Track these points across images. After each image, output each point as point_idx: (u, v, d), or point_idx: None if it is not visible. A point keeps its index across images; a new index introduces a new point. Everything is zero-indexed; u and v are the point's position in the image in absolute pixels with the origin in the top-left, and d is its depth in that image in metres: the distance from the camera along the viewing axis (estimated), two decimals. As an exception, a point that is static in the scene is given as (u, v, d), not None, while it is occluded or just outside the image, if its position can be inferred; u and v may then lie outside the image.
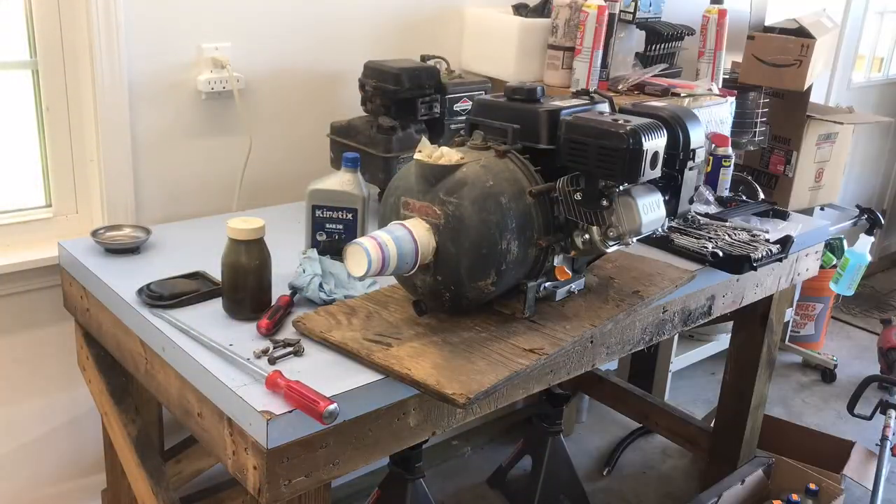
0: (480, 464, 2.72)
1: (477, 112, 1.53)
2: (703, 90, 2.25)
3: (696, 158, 1.57)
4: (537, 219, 1.40)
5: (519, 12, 2.33)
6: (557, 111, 1.45)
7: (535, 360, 1.34)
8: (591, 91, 1.64)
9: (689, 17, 2.51)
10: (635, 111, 1.54)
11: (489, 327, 1.44)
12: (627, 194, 1.45)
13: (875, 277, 4.56)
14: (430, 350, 1.34)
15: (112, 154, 1.84)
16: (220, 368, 1.29)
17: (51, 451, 2.00)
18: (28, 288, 1.85)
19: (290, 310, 1.47)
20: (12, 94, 1.83)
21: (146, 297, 1.49)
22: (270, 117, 2.08)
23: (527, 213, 1.39)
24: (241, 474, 1.26)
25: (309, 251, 1.60)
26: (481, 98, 1.57)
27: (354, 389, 1.26)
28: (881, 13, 4.08)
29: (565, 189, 1.41)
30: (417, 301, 1.44)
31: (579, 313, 1.52)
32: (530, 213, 1.39)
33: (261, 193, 2.08)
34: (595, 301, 1.57)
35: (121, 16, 1.76)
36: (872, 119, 3.66)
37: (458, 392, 1.22)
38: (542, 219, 1.41)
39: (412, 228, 1.34)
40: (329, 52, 2.12)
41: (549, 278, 1.50)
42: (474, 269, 1.35)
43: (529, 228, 1.39)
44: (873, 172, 4.51)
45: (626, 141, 1.35)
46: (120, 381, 1.75)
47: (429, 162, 1.36)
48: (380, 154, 1.88)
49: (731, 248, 1.89)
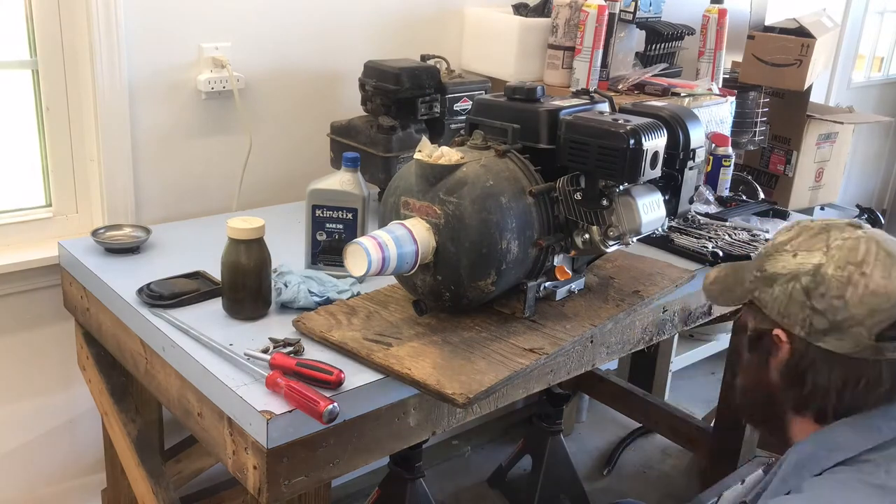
0: (480, 464, 2.72)
1: (477, 112, 1.52)
2: (703, 90, 2.25)
3: (697, 158, 1.57)
4: (537, 218, 1.40)
5: (519, 12, 2.32)
6: (557, 111, 1.45)
7: (536, 359, 1.34)
8: (591, 91, 1.63)
9: (689, 16, 2.51)
10: (635, 111, 1.53)
11: (489, 327, 1.43)
12: (627, 194, 1.45)
13: (875, 277, 4.55)
14: (431, 350, 1.34)
15: (112, 154, 1.84)
16: (220, 368, 1.29)
17: (51, 451, 2.00)
18: (28, 288, 1.85)
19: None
20: (12, 94, 1.83)
21: (146, 296, 1.49)
22: (270, 117, 2.08)
23: (527, 212, 1.38)
24: (241, 474, 1.26)
25: (277, 267, 1.52)
26: (481, 98, 1.57)
27: (354, 389, 1.26)
28: (881, 13, 4.08)
29: (565, 189, 1.41)
30: (417, 301, 1.44)
31: (579, 313, 1.52)
32: (530, 212, 1.39)
33: (261, 193, 2.08)
34: (595, 301, 1.57)
35: (121, 16, 1.76)
36: (872, 119, 3.66)
37: (458, 392, 1.22)
38: (542, 218, 1.41)
39: (412, 228, 1.34)
40: (329, 52, 2.12)
41: (549, 278, 1.50)
42: (474, 268, 1.35)
43: (529, 228, 1.39)
44: (873, 172, 4.51)
45: (627, 141, 1.35)
46: (120, 381, 1.75)
47: (429, 161, 1.36)
48: (380, 154, 1.88)
49: (731, 248, 1.89)
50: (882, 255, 1.04)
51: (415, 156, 1.39)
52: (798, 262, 1.07)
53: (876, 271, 1.03)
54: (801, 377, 1.10)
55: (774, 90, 2.77)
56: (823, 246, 1.06)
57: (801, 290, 1.06)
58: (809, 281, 1.05)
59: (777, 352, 1.12)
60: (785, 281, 1.08)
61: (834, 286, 1.03)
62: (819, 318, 1.05)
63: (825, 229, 1.09)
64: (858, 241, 1.06)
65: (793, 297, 1.07)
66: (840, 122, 2.96)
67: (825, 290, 1.04)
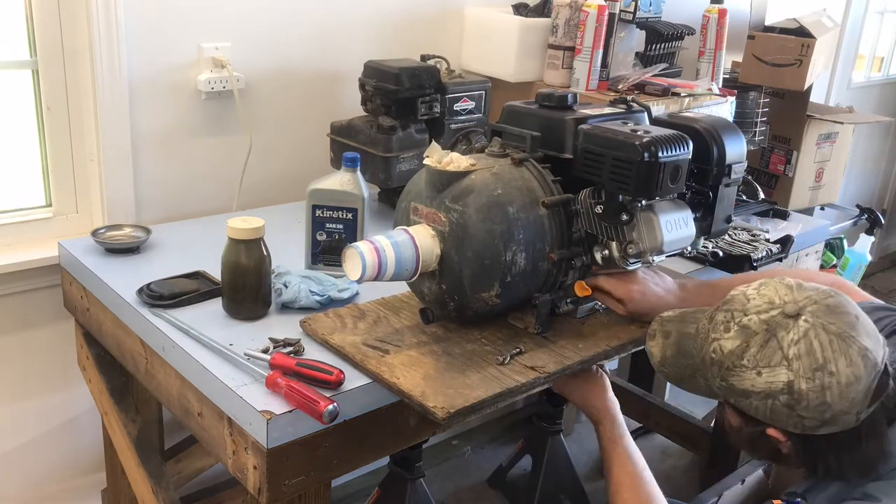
0: (480, 464, 2.72)
1: (504, 119, 1.46)
2: (703, 90, 2.24)
3: (733, 174, 1.47)
4: (550, 231, 1.35)
5: (519, 12, 2.32)
6: (583, 119, 1.39)
7: (534, 378, 1.29)
8: (630, 98, 1.53)
9: (689, 16, 2.51)
10: (670, 122, 1.46)
11: (496, 340, 1.39)
12: (650, 210, 1.37)
13: (875, 277, 4.56)
14: (426, 360, 1.31)
15: (112, 154, 1.84)
16: (220, 368, 1.29)
17: (51, 451, 2.00)
18: (28, 288, 1.84)
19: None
20: (12, 94, 1.83)
21: (146, 296, 1.49)
22: (270, 117, 2.08)
23: (538, 224, 1.33)
24: (242, 474, 1.26)
25: (275, 268, 1.53)
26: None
27: (354, 389, 1.26)
28: (881, 13, 4.08)
29: (587, 201, 1.35)
30: (424, 309, 1.41)
31: (597, 332, 1.45)
32: (542, 224, 1.34)
33: (261, 193, 2.08)
34: (619, 321, 1.49)
35: (121, 16, 1.76)
36: (872, 119, 3.65)
37: (440, 406, 1.18)
38: (556, 231, 1.35)
39: (415, 234, 1.31)
40: (329, 52, 2.12)
41: (567, 293, 1.43)
42: (477, 279, 1.31)
43: (540, 240, 1.33)
44: (873, 172, 4.51)
45: (641, 153, 1.28)
46: (120, 381, 1.75)
47: (437, 168, 1.33)
48: (380, 154, 1.88)
49: (731, 248, 1.89)
50: (835, 343, 1.04)
51: (424, 161, 1.35)
52: (766, 381, 1.07)
53: (840, 364, 1.04)
54: (808, 459, 1.15)
55: (774, 90, 2.77)
56: (782, 359, 1.06)
57: (782, 406, 1.07)
58: (788, 399, 1.06)
59: (779, 443, 1.14)
60: (761, 398, 1.08)
61: (813, 398, 1.05)
62: (809, 420, 1.07)
63: (770, 333, 1.07)
64: (809, 340, 1.05)
65: (776, 410, 1.08)
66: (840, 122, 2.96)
67: (806, 404, 1.05)
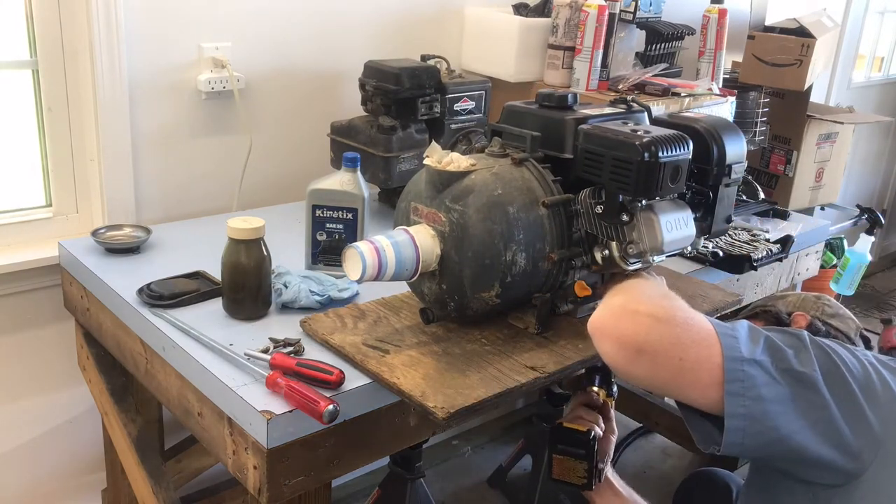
0: (480, 464, 2.72)
1: (504, 119, 1.47)
2: (703, 90, 2.24)
3: (734, 174, 1.47)
4: (550, 231, 1.34)
5: (519, 12, 2.32)
6: (584, 119, 1.39)
7: (534, 378, 1.29)
8: (630, 98, 1.53)
9: (690, 16, 2.51)
10: (670, 122, 1.46)
11: (496, 340, 1.38)
12: (650, 210, 1.35)
13: (875, 277, 4.56)
14: (426, 360, 1.31)
15: (112, 154, 1.84)
16: (221, 368, 1.29)
17: (51, 451, 2.00)
18: (28, 288, 1.85)
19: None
20: (12, 94, 1.83)
21: (146, 296, 1.49)
22: (270, 117, 2.08)
23: (538, 224, 1.33)
24: (242, 474, 1.26)
25: (275, 268, 1.53)
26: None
27: (354, 389, 1.26)
28: (881, 13, 4.08)
29: (587, 201, 1.35)
30: (424, 309, 1.40)
31: None
32: (542, 224, 1.33)
33: (261, 193, 2.08)
34: None
35: (121, 16, 1.76)
36: (872, 119, 3.66)
37: (440, 406, 1.18)
38: (556, 231, 1.35)
39: (415, 235, 1.31)
40: (329, 52, 2.12)
41: (567, 293, 1.43)
42: (477, 279, 1.31)
43: (540, 241, 1.33)
44: (873, 172, 4.51)
45: (641, 153, 1.27)
46: (120, 381, 1.75)
47: (437, 167, 1.32)
48: (380, 154, 1.89)
49: (731, 248, 1.90)
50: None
51: (424, 161, 1.35)
52: None
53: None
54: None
55: (774, 90, 2.77)
56: None
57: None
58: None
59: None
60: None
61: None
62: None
63: None
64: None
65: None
66: (840, 122, 2.96)
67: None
